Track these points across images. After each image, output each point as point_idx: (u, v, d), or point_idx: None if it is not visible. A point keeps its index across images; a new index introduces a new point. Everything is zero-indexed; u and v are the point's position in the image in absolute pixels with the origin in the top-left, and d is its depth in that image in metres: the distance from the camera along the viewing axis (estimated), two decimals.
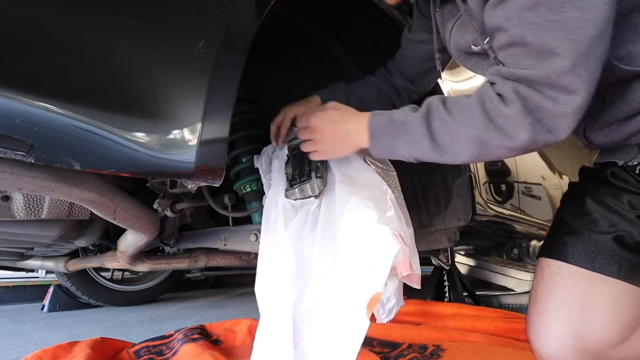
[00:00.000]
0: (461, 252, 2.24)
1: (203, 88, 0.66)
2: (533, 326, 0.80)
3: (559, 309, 0.76)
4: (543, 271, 0.82)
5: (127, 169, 0.61)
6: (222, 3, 0.71)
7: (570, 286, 0.77)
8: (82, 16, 0.58)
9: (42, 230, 1.09)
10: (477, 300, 1.67)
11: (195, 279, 3.14)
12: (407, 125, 0.75)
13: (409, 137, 0.75)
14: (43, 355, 0.95)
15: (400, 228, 0.77)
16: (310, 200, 0.92)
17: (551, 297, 0.78)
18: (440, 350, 0.97)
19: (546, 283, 0.80)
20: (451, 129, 0.70)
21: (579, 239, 0.78)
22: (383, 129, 0.79)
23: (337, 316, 0.75)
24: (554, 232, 0.85)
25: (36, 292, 2.82)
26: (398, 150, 0.78)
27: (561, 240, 0.81)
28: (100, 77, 0.59)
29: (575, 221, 0.81)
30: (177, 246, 1.40)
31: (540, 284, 0.81)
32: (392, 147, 0.78)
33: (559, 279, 0.78)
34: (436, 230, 1.43)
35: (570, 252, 0.78)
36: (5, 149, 0.52)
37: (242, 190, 1.19)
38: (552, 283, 0.79)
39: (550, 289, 0.79)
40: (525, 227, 2.14)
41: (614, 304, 0.74)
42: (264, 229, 0.93)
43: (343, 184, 0.88)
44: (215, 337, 1.19)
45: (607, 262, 0.75)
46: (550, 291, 0.79)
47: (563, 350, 0.75)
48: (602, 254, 0.75)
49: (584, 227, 0.79)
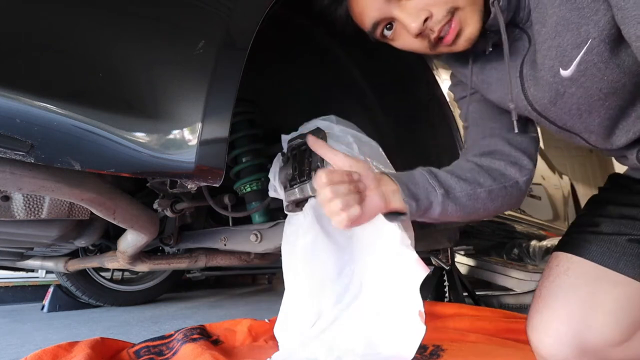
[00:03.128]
0: (461, 252, 2.24)
1: (203, 88, 0.66)
2: (533, 324, 0.80)
3: (562, 308, 0.77)
4: (551, 271, 0.83)
5: (127, 169, 0.61)
6: (222, 3, 0.71)
7: (576, 286, 0.77)
8: (82, 16, 0.58)
9: (42, 230, 1.09)
10: (477, 300, 1.67)
11: (195, 279, 3.14)
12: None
13: None
14: (43, 355, 0.95)
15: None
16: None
17: (555, 296, 0.79)
18: (440, 350, 0.97)
19: (551, 282, 0.81)
20: None
21: (604, 239, 0.80)
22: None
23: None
24: (577, 230, 0.86)
25: (36, 292, 2.82)
26: None
27: (584, 238, 0.82)
28: (100, 77, 0.59)
29: (603, 222, 0.82)
30: (177, 246, 1.40)
31: (545, 283, 0.82)
32: None
33: (565, 278, 0.79)
34: (436, 230, 1.43)
35: (594, 250, 0.79)
36: (5, 149, 0.52)
37: (242, 190, 1.19)
38: (557, 282, 0.80)
39: (554, 288, 0.80)
40: (525, 227, 2.14)
41: (622, 304, 0.75)
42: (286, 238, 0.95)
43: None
44: (215, 337, 1.19)
45: (632, 264, 0.76)
46: (554, 290, 0.80)
47: (562, 348, 0.75)
48: (627, 256, 0.77)
49: (613, 229, 0.80)
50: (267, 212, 1.19)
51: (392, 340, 0.77)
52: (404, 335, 0.75)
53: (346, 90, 1.45)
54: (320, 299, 0.87)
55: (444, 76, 1.44)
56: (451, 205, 0.75)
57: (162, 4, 0.66)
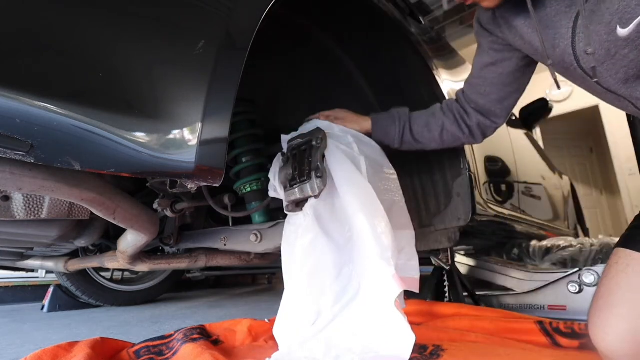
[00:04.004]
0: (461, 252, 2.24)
1: (203, 88, 0.66)
2: (594, 321, 0.82)
3: (619, 306, 0.78)
4: (610, 268, 0.83)
5: (127, 169, 0.61)
6: (222, 3, 0.71)
7: (634, 284, 0.78)
8: (82, 16, 0.58)
9: (42, 230, 1.09)
10: (477, 300, 1.67)
11: (195, 279, 3.14)
12: None
13: None
14: (43, 355, 0.95)
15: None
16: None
17: (614, 294, 0.80)
18: (440, 350, 0.97)
19: (610, 280, 0.82)
20: None
21: None
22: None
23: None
24: (638, 224, 0.87)
25: (36, 292, 2.82)
26: None
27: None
28: (100, 77, 0.59)
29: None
30: (177, 246, 1.40)
31: (604, 281, 0.83)
32: None
33: (624, 276, 0.80)
34: (436, 230, 1.43)
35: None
36: (5, 149, 0.52)
37: (242, 190, 1.19)
38: (616, 280, 0.81)
39: (614, 287, 0.81)
40: (525, 227, 2.14)
41: None
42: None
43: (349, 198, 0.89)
44: (215, 337, 1.19)
45: None
46: (614, 289, 0.80)
47: (623, 345, 0.76)
48: None
49: None
50: (267, 212, 1.19)
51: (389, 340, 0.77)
52: (398, 337, 0.76)
53: (346, 90, 1.45)
54: (320, 298, 0.87)
55: (444, 76, 1.44)
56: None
57: (162, 4, 0.66)
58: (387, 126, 1.11)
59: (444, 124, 1.07)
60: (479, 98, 1.02)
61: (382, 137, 1.12)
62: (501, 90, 0.98)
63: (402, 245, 1.03)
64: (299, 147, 0.96)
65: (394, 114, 1.12)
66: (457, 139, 1.09)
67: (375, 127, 1.12)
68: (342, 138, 0.99)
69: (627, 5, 0.62)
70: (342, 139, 0.99)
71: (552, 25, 0.76)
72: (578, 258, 2.02)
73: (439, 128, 1.08)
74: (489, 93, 0.99)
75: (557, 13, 0.75)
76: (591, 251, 2.01)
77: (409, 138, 1.10)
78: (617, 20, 0.64)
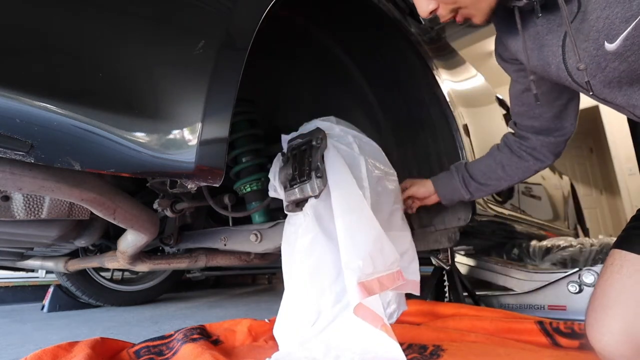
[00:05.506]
0: (461, 252, 2.24)
1: (203, 88, 0.66)
2: (589, 322, 0.83)
3: (614, 307, 0.79)
4: (606, 269, 0.85)
5: (127, 169, 0.61)
6: (222, 3, 0.71)
7: (627, 285, 0.79)
8: (82, 16, 0.58)
9: (42, 230, 1.09)
10: (477, 300, 1.67)
11: (195, 279, 3.14)
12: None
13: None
14: (43, 355, 0.95)
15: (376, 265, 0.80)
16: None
17: (608, 295, 0.81)
18: (440, 350, 0.97)
19: (605, 281, 0.83)
20: None
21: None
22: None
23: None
24: (633, 225, 0.88)
25: (36, 292, 2.82)
26: None
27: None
28: (100, 77, 0.59)
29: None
30: (177, 246, 1.40)
31: (600, 282, 0.85)
32: None
33: (619, 277, 0.81)
34: (436, 230, 1.43)
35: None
36: (5, 149, 0.52)
37: (242, 190, 1.19)
38: (610, 281, 0.82)
39: (608, 287, 0.82)
40: (525, 227, 2.14)
41: None
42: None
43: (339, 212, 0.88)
44: (215, 337, 1.19)
45: None
46: (607, 289, 0.82)
47: (618, 345, 0.77)
48: None
49: None
50: (267, 212, 1.19)
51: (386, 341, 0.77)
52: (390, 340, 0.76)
53: (346, 90, 1.45)
54: (320, 298, 0.87)
55: (444, 76, 1.44)
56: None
57: (162, 4, 0.66)
58: (448, 182, 1.16)
59: (502, 160, 1.10)
60: (533, 122, 1.01)
61: (449, 193, 1.18)
62: (552, 107, 0.97)
63: (405, 248, 1.03)
64: (299, 147, 0.96)
65: (451, 169, 1.16)
66: (527, 169, 1.08)
67: (437, 186, 1.18)
68: (343, 138, 0.99)
69: (612, 22, 0.64)
70: (342, 139, 0.99)
71: (546, 44, 0.78)
72: (578, 258, 2.02)
73: (499, 166, 1.10)
74: (541, 114, 0.98)
75: (549, 31, 0.77)
76: (591, 251, 2.01)
77: (474, 186, 1.13)
78: (604, 36, 0.65)
